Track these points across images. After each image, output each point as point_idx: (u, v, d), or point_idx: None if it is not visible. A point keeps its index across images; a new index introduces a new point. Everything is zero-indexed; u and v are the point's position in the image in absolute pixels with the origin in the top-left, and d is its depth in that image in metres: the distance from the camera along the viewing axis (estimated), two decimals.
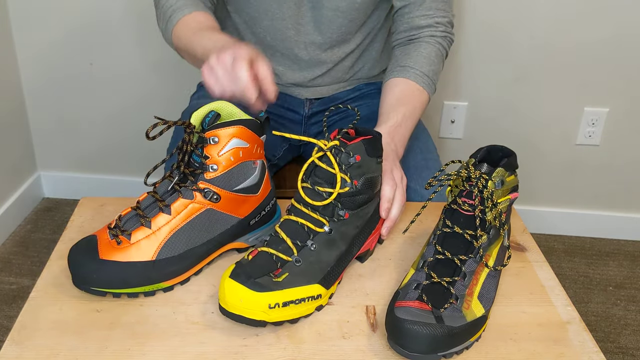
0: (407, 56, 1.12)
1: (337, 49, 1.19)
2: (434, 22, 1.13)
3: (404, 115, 1.04)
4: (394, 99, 1.07)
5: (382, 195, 0.86)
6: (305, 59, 1.19)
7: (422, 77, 1.09)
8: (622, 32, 1.73)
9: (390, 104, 1.06)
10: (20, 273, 1.76)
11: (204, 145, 0.78)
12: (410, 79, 1.09)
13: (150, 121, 1.92)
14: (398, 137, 1.01)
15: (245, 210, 0.83)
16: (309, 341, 0.71)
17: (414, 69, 1.10)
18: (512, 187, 0.79)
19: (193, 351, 0.69)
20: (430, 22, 1.13)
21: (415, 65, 1.10)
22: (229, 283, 0.70)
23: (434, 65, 1.12)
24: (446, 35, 1.15)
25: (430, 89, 1.11)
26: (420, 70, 1.09)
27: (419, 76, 1.09)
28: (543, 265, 0.87)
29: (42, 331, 0.71)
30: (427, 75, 1.10)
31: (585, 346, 0.72)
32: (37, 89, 1.93)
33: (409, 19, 1.13)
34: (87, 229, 0.91)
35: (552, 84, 1.81)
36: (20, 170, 1.99)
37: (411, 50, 1.12)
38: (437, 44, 1.13)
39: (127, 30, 1.80)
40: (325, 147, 0.75)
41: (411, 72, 1.09)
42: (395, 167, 0.93)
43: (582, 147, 1.91)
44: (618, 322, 1.69)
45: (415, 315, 0.67)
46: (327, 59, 1.20)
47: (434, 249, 0.75)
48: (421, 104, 1.09)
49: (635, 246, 2.01)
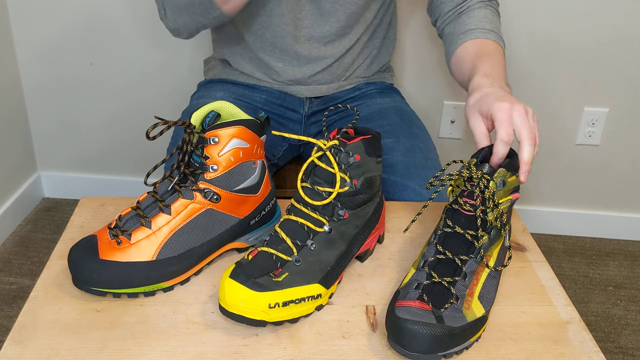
0: (464, 23, 1.08)
1: (336, 44, 1.19)
2: None
3: (490, 59, 0.98)
4: (472, 56, 1.01)
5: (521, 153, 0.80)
6: (305, 54, 1.19)
7: (488, 32, 1.06)
8: (622, 32, 1.73)
9: (471, 61, 1.00)
10: (20, 273, 1.76)
11: (204, 146, 0.78)
12: (478, 38, 1.04)
13: (150, 121, 1.94)
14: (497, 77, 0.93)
15: (245, 210, 0.83)
16: (309, 341, 0.71)
17: (477, 29, 1.06)
18: (514, 188, 0.79)
19: (193, 351, 0.69)
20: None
21: (477, 26, 1.06)
22: (229, 283, 0.70)
23: (495, 23, 1.09)
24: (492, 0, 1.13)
25: (501, 42, 1.07)
26: (484, 28, 1.06)
27: (486, 32, 1.06)
28: (543, 265, 0.87)
29: (42, 331, 0.71)
30: (493, 31, 1.06)
31: (585, 346, 0.72)
32: (37, 89, 1.93)
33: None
34: (87, 229, 0.91)
35: (552, 84, 1.81)
36: (20, 170, 1.99)
37: (465, 18, 1.09)
38: (488, 6, 1.11)
39: (127, 30, 1.80)
40: (324, 146, 0.75)
41: (476, 32, 1.06)
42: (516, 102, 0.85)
43: (582, 147, 1.91)
44: (618, 322, 1.69)
45: (415, 315, 0.67)
46: (327, 54, 1.20)
47: (435, 249, 0.75)
48: (500, 55, 1.02)
49: (635, 246, 2.01)
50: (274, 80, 1.24)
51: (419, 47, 1.78)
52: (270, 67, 1.22)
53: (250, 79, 1.25)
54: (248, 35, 1.20)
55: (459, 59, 1.05)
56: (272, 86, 1.25)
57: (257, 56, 1.22)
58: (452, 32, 1.10)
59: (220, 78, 1.28)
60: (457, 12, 1.12)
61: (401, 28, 1.72)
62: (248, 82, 1.26)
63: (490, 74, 0.93)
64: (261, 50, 1.21)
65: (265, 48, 1.20)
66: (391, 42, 1.32)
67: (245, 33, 1.20)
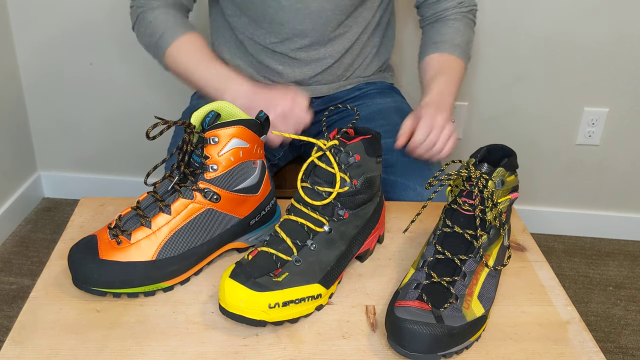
0: (437, 33, 1.20)
1: (335, 44, 1.20)
2: (457, 3, 1.20)
3: (446, 81, 1.12)
4: (432, 72, 1.14)
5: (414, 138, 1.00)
6: (304, 57, 1.19)
7: (454, 47, 1.17)
8: (622, 32, 1.73)
9: (430, 77, 1.14)
10: (20, 273, 1.76)
11: (204, 145, 0.78)
12: (445, 52, 1.16)
13: (150, 121, 1.94)
14: (443, 102, 1.08)
15: (245, 210, 0.83)
16: (309, 341, 0.71)
17: (446, 43, 1.17)
18: (513, 187, 0.79)
19: (193, 351, 0.69)
20: (454, 3, 1.20)
21: (446, 39, 1.17)
22: (229, 283, 0.70)
23: (465, 35, 1.19)
24: (471, 9, 1.22)
25: (466, 57, 1.18)
26: (452, 43, 1.17)
27: (452, 47, 1.17)
28: (543, 265, 0.87)
29: (42, 331, 0.71)
30: (459, 46, 1.17)
31: (585, 346, 0.72)
32: (37, 89, 1.93)
33: (436, 4, 1.21)
34: (87, 229, 0.91)
35: (552, 84, 1.81)
36: (20, 170, 1.99)
37: (440, 27, 1.20)
38: (464, 17, 1.20)
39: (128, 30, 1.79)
40: (324, 146, 0.75)
41: (445, 46, 1.17)
42: (440, 114, 1.02)
43: (582, 147, 1.91)
44: (618, 322, 1.69)
45: (415, 315, 0.67)
46: (327, 55, 1.20)
47: (434, 249, 0.75)
48: (459, 72, 1.16)
49: (635, 246, 2.01)
50: (274, 82, 1.24)
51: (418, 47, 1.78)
52: (271, 70, 1.22)
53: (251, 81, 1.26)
54: (247, 42, 1.21)
55: (424, 67, 1.18)
56: None
57: (257, 60, 1.22)
58: (427, 39, 1.22)
59: None
60: (435, 18, 1.22)
61: (400, 28, 1.72)
62: None
63: (437, 99, 1.08)
64: (262, 53, 1.21)
65: (265, 52, 1.20)
66: (390, 40, 1.32)
67: (244, 39, 1.21)
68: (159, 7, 1.14)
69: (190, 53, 1.11)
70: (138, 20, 1.17)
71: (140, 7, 1.16)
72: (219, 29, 1.27)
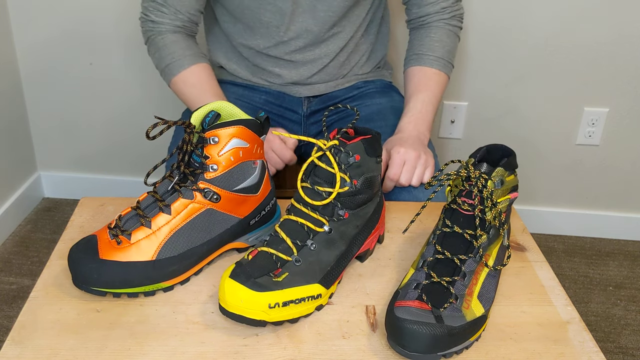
0: (420, 42, 1.20)
1: (329, 43, 1.20)
2: (440, 9, 1.19)
3: (423, 102, 1.13)
4: (412, 88, 1.17)
5: (387, 174, 1.01)
6: (299, 58, 1.20)
7: (436, 60, 1.17)
8: (622, 32, 1.73)
9: (410, 93, 1.16)
10: (20, 273, 1.76)
11: (204, 145, 0.78)
12: (425, 65, 1.17)
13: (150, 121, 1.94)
14: (421, 123, 1.10)
15: (245, 210, 0.83)
16: (309, 341, 0.71)
17: (428, 55, 1.18)
18: (512, 187, 0.79)
19: (193, 351, 0.69)
20: (437, 8, 1.19)
21: (428, 51, 1.17)
22: (229, 283, 0.70)
23: (447, 46, 1.19)
24: (454, 15, 1.20)
25: (447, 68, 1.18)
26: (433, 55, 1.17)
27: (434, 60, 1.17)
28: (543, 265, 0.87)
29: (42, 331, 0.71)
30: (442, 58, 1.17)
31: (585, 346, 0.72)
32: (37, 89, 1.93)
33: (418, 8, 1.20)
34: (87, 229, 0.91)
35: (552, 84, 1.81)
36: (20, 170, 1.99)
37: (423, 36, 1.20)
38: (446, 25, 1.19)
39: (128, 30, 1.80)
40: (324, 147, 0.75)
41: (425, 58, 1.17)
42: (412, 150, 1.03)
43: (582, 147, 1.91)
44: (618, 322, 1.69)
45: (415, 315, 0.67)
46: (322, 54, 1.20)
47: (434, 249, 0.75)
48: (439, 85, 1.17)
49: (635, 246, 2.01)
50: (272, 83, 1.25)
51: None
52: (268, 72, 1.23)
53: (248, 82, 1.26)
54: (242, 48, 1.22)
55: (405, 80, 1.21)
56: (271, 87, 1.25)
57: (252, 64, 1.23)
58: (411, 45, 1.22)
59: (219, 79, 1.29)
60: (419, 23, 1.22)
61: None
62: (246, 83, 1.26)
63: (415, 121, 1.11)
64: (257, 57, 1.22)
65: (260, 56, 1.21)
66: (385, 36, 1.32)
67: (238, 45, 1.21)
68: (166, 32, 1.15)
69: (193, 86, 1.14)
70: (149, 42, 1.18)
71: (149, 31, 1.17)
72: (214, 35, 1.27)
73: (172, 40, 1.15)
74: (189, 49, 1.15)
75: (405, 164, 1.02)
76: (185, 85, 1.14)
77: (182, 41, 1.15)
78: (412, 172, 1.02)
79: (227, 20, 1.21)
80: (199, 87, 1.14)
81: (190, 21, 1.17)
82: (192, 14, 1.16)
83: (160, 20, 1.15)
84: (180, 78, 1.14)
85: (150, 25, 1.16)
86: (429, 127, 1.13)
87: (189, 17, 1.16)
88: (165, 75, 1.17)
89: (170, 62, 1.14)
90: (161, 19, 1.15)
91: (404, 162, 1.02)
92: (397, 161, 1.02)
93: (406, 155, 1.02)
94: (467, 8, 1.72)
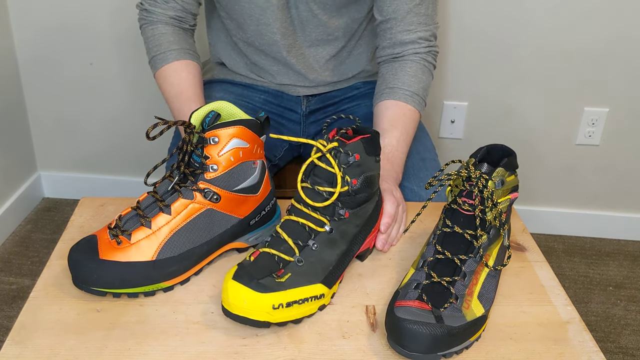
0: (394, 76, 1.11)
1: (328, 47, 1.19)
2: (417, 38, 1.11)
3: (398, 140, 1.04)
4: (387, 123, 1.06)
5: (384, 211, 0.86)
6: (294, 62, 1.19)
7: (411, 96, 1.09)
8: (622, 32, 1.73)
9: (384, 128, 1.05)
10: (20, 273, 1.76)
11: (204, 145, 0.78)
12: (400, 100, 1.08)
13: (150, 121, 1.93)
14: (396, 162, 1.02)
15: (245, 210, 0.83)
16: (309, 341, 0.71)
17: (403, 90, 1.09)
18: (512, 187, 0.79)
19: (193, 351, 0.69)
20: (413, 37, 1.10)
21: (403, 86, 1.09)
22: (232, 284, 0.70)
23: (422, 83, 1.11)
24: (430, 50, 1.13)
25: (421, 106, 1.11)
26: (409, 90, 1.09)
27: (409, 96, 1.09)
28: (543, 265, 0.87)
29: (42, 331, 0.71)
30: (417, 94, 1.09)
31: (585, 346, 0.72)
32: (37, 88, 1.93)
33: (392, 34, 1.11)
34: (87, 229, 0.91)
35: (552, 84, 1.81)
36: (20, 170, 1.99)
37: (398, 70, 1.11)
38: (422, 60, 1.12)
39: (128, 30, 1.80)
40: (324, 148, 0.75)
41: (400, 93, 1.09)
42: (395, 189, 0.94)
43: (582, 147, 1.91)
44: (618, 322, 1.69)
45: (415, 315, 0.67)
46: (319, 56, 1.20)
47: (434, 249, 0.75)
48: (413, 123, 1.09)
49: (635, 246, 2.01)
50: (270, 82, 1.25)
51: None
52: (265, 71, 1.23)
53: (247, 79, 1.26)
54: (241, 43, 1.21)
55: (378, 113, 1.10)
56: (270, 86, 1.25)
57: (251, 61, 1.23)
58: (384, 78, 1.12)
59: (219, 78, 1.29)
60: (393, 56, 1.13)
61: None
62: (246, 82, 1.26)
63: (391, 158, 1.01)
64: (255, 55, 1.21)
65: (257, 54, 1.21)
66: None
67: (238, 41, 1.21)
68: (158, 23, 1.13)
69: (171, 85, 1.10)
70: (141, 30, 1.17)
71: (142, 20, 1.15)
72: (214, 30, 1.27)
73: (162, 32, 1.12)
74: (176, 44, 1.11)
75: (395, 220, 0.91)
76: (164, 82, 1.11)
77: (172, 34, 1.12)
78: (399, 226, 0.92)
79: (225, 16, 1.20)
80: (176, 86, 1.10)
81: (185, 10, 1.13)
82: (186, 2, 1.13)
83: (153, 9, 1.12)
84: (161, 73, 1.11)
85: (144, 14, 1.14)
86: (402, 167, 1.05)
87: (183, 5, 1.13)
88: (151, 67, 1.14)
89: (155, 54, 1.11)
90: (154, 8, 1.12)
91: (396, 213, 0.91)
92: (389, 211, 0.89)
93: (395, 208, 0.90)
94: (467, 8, 1.72)
